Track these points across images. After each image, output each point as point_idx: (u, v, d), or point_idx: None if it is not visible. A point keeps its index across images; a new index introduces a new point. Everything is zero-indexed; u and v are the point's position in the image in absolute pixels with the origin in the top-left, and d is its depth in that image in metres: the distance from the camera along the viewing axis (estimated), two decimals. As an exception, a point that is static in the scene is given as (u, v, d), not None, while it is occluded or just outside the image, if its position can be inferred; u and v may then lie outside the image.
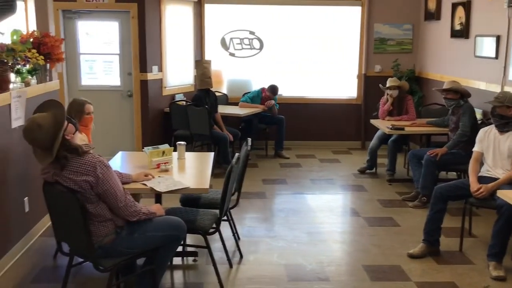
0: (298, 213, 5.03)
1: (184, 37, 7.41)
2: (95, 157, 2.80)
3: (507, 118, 4.01)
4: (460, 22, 6.33)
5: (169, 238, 3.09)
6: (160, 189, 3.28)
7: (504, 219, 3.65)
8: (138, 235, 2.97)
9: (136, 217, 2.95)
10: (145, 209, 3.02)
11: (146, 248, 3.05)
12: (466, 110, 5.09)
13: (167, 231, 3.07)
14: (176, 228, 3.13)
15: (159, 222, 3.07)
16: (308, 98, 7.91)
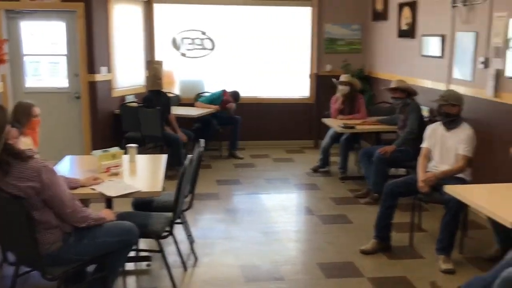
0: (252, 213, 5.02)
1: (134, 37, 7.27)
2: (39, 162, 2.69)
3: (453, 116, 4.14)
4: (406, 22, 6.51)
5: (120, 243, 3.01)
6: (110, 193, 3.19)
7: (451, 213, 3.77)
8: (87, 241, 2.88)
9: (85, 223, 2.86)
10: (94, 214, 2.93)
11: (96, 255, 2.96)
12: (413, 109, 5.23)
13: (118, 237, 2.99)
14: (127, 233, 3.05)
15: (109, 228, 2.99)
16: (261, 98, 7.93)
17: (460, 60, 5.30)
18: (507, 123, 4.57)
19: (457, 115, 4.14)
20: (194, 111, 6.89)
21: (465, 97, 5.07)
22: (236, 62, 7.86)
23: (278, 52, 7.92)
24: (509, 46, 4.49)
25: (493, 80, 4.68)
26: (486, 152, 4.80)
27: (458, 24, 5.33)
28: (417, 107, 5.25)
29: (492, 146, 4.75)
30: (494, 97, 4.70)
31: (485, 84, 4.81)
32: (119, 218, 3.35)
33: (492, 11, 4.72)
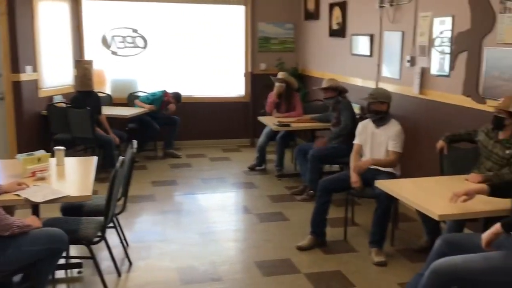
0: (189, 214, 4.96)
1: (62, 35, 6.97)
2: None
3: (382, 113, 4.27)
4: (337, 22, 6.66)
5: (48, 251, 2.86)
6: (36, 199, 3.03)
7: (382, 207, 3.89)
8: (12, 250, 2.73)
9: (8, 232, 2.70)
10: (19, 222, 2.78)
11: (22, 264, 2.81)
12: (345, 106, 5.35)
13: (45, 245, 2.84)
14: (56, 240, 2.91)
15: (36, 235, 2.84)
16: (197, 97, 7.86)
17: (388, 59, 5.49)
18: (432, 118, 4.78)
19: (385, 112, 4.28)
20: (127, 111, 6.71)
21: (393, 95, 5.25)
22: (170, 61, 7.73)
23: (213, 50, 7.87)
24: (434, 45, 4.69)
25: (418, 77, 4.87)
26: (413, 147, 4.99)
27: (385, 24, 5.51)
28: (348, 105, 5.38)
29: (419, 141, 4.95)
30: (420, 94, 4.90)
31: (411, 81, 5.00)
32: (47, 225, 3.20)
33: (417, 11, 4.92)
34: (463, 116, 4.31)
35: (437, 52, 4.66)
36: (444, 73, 4.57)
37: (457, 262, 2.61)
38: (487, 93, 4.04)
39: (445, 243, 2.88)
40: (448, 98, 4.51)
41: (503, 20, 3.85)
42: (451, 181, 3.49)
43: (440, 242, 2.90)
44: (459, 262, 2.61)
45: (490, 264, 2.55)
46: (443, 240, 2.90)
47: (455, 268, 2.58)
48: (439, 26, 4.61)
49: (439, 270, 2.61)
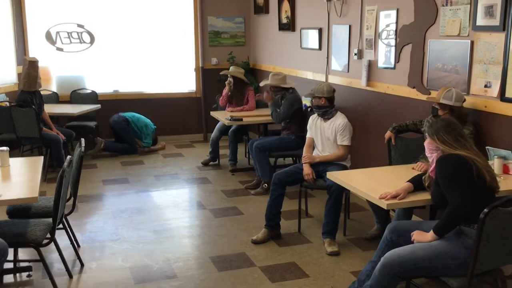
0: (142, 212, 4.89)
1: (3, 31, 6.69)
2: None
3: (323, 107, 4.35)
4: (286, 16, 6.70)
5: None
6: None
7: (334, 198, 3.97)
8: None
9: None
10: None
11: None
12: (287, 100, 5.32)
13: None
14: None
15: None
16: (147, 93, 7.74)
17: (336, 52, 5.58)
18: (379, 110, 4.90)
19: (326, 106, 4.35)
20: (73, 109, 6.55)
21: (342, 87, 5.38)
22: (118, 57, 7.56)
23: (162, 45, 7.76)
24: (380, 38, 4.80)
25: (366, 70, 4.98)
26: (362, 138, 5.11)
27: (333, 18, 5.59)
28: (291, 98, 5.31)
29: (368, 133, 5.07)
30: (367, 87, 5.01)
31: (359, 74, 5.11)
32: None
33: (364, 5, 5.02)
34: (409, 107, 4.44)
35: (383, 45, 4.78)
36: (390, 66, 4.69)
37: (404, 253, 2.71)
38: (431, 84, 4.18)
39: (392, 231, 2.98)
40: (395, 90, 4.63)
41: (445, 13, 3.99)
42: (398, 170, 3.59)
43: (388, 231, 3.00)
44: (406, 253, 2.71)
45: (436, 250, 2.66)
46: (390, 229, 3.00)
47: (404, 259, 2.68)
48: (385, 19, 4.73)
49: (388, 263, 2.71)
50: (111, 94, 7.54)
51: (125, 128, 6.94)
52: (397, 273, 2.68)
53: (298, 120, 5.29)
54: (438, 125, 2.84)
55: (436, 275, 2.69)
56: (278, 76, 5.43)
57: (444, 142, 2.78)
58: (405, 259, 2.68)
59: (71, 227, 3.90)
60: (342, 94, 5.37)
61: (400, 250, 2.74)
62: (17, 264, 3.65)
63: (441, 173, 2.76)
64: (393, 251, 2.75)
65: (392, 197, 2.95)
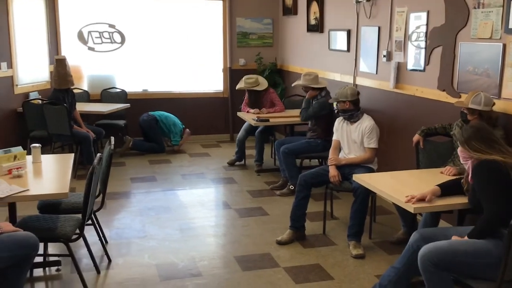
0: (169, 210, 4.95)
1: (37, 31, 6.86)
2: None
3: (349, 111, 4.33)
4: (315, 17, 6.69)
5: (17, 258, 2.75)
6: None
7: (360, 200, 3.95)
8: None
9: None
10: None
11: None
12: (318, 103, 5.28)
13: (13, 251, 2.72)
14: (24, 246, 2.78)
15: (1, 242, 2.71)
16: (176, 93, 7.82)
17: (365, 54, 5.54)
18: (407, 113, 4.84)
19: (352, 109, 4.32)
20: (103, 107, 6.67)
21: (370, 89, 5.34)
22: (148, 57, 7.67)
23: (191, 46, 7.83)
24: (410, 40, 4.75)
25: (394, 72, 4.93)
26: (390, 141, 5.06)
27: (362, 19, 5.55)
28: (322, 102, 5.25)
29: (396, 135, 5.02)
30: (396, 89, 4.96)
31: (388, 76, 5.06)
32: (24, 223, 3.16)
33: (394, 7, 4.97)
34: (439, 110, 4.38)
35: (412, 47, 4.72)
36: (420, 68, 4.63)
37: (443, 245, 2.71)
38: (462, 87, 4.12)
39: (419, 239, 2.94)
40: (424, 93, 4.58)
41: (476, 15, 3.92)
42: (426, 174, 3.56)
43: (414, 239, 2.97)
44: (445, 245, 2.71)
45: (476, 247, 2.65)
46: (416, 238, 2.96)
47: (442, 250, 2.67)
48: (415, 21, 4.67)
49: (425, 254, 2.70)
50: (140, 93, 7.65)
51: (153, 127, 7.04)
52: (437, 264, 2.65)
53: (325, 124, 5.27)
54: (468, 133, 2.82)
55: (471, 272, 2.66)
56: (310, 76, 5.39)
57: (477, 150, 2.76)
58: (444, 250, 2.67)
59: (99, 223, 3.98)
60: (369, 96, 5.34)
61: (437, 243, 2.73)
62: (47, 258, 3.74)
63: (476, 180, 2.75)
64: (429, 244, 2.74)
65: (418, 200, 2.91)
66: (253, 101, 6.36)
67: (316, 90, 5.32)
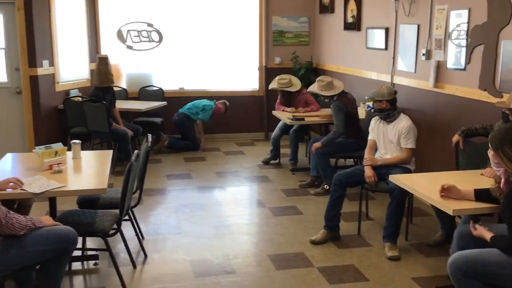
0: (204, 208, 4.99)
1: (77, 29, 7.03)
2: None
3: (385, 110, 4.25)
4: (352, 15, 6.61)
5: (56, 251, 2.81)
6: (34, 190, 3.03)
7: (396, 201, 3.88)
8: (16, 250, 2.70)
9: (23, 230, 2.71)
10: (31, 222, 2.76)
11: (28, 264, 2.78)
12: (333, 110, 5.27)
13: (52, 245, 2.79)
14: (64, 240, 2.84)
15: (42, 236, 2.78)
16: (211, 91, 7.87)
17: (403, 52, 5.44)
18: (447, 112, 4.73)
19: (388, 109, 4.24)
20: (141, 105, 6.78)
21: (409, 88, 5.25)
22: (185, 55, 7.75)
23: (227, 44, 7.88)
24: (450, 38, 4.64)
25: (434, 71, 4.83)
26: (428, 141, 4.96)
27: (401, 17, 5.46)
28: (337, 108, 5.22)
29: (434, 136, 4.91)
30: (435, 88, 4.86)
31: (427, 75, 4.95)
32: (63, 217, 3.24)
33: (434, 4, 4.87)
34: (480, 110, 4.26)
35: (453, 45, 4.61)
36: (460, 67, 4.52)
37: (472, 254, 2.65)
38: (504, 87, 3.99)
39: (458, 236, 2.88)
40: (464, 92, 4.46)
41: (520, 13, 3.80)
42: (466, 176, 3.47)
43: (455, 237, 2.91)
44: (474, 254, 2.65)
45: (505, 257, 2.56)
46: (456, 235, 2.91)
47: (472, 258, 2.62)
48: (456, 19, 4.56)
49: (454, 262, 2.65)
50: (176, 91, 7.73)
51: (186, 125, 7.10)
52: (465, 273, 2.59)
53: (350, 123, 5.22)
54: (502, 136, 2.56)
55: (500, 283, 2.59)
56: (322, 82, 5.37)
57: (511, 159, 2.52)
58: (473, 258, 2.61)
59: (136, 219, 4.05)
60: (407, 95, 5.24)
61: (467, 251, 2.68)
62: (85, 253, 3.83)
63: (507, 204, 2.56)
64: (459, 253, 2.69)
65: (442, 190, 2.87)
66: (285, 102, 6.35)
67: (326, 97, 5.32)
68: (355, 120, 5.30)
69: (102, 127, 5.99)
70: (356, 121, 5.29)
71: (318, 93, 5.36)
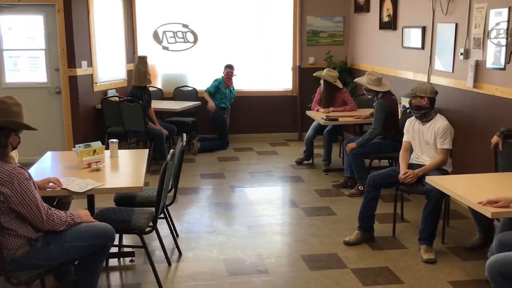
0: (237, 207, 5.02)
1: (115, 31, 7.19)
2: (16, 169, 2.62)
3: (423, 108, 4.15)
4: (388, 14, 6.53)
5: (94, 247, 2.88)
6: (73, 188, 3.10)
7: (433, 203, 3.81)
8: (55, 246, 2.76)
9: (63, 226, 2.78)
10: (70, 218, 2.83)
11: (66, 260, 2.86)
12: (377, 107, 5.17)
13: (90, 241, 2.85)
14: (100, 236, 2.90)
15: (80, 232, 2.84)
16: (245, 91, 7.91)
17: (440, 52, 5.34)
18: (486, 113, 4.62)
19: (428, 107, 4.16)
20: (176, 105, 6.87)
21: (446, 88, 5.15)
22: (219, 55, 7.80)
23: (261, 44, 7.90)
24: (489, 37, 4.53)
25: (472, 71, 4.72)
26: (466, 142, 4.85)
27: (438, 16, 5.36)
28: (380, 107, 5.13)
29: (473, 137, 4.80)
30: (474, 88, 4.75)
31: (465, 75, 4.85)
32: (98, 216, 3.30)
33: (472, 2, 4.76)
34: (520, 110, 4.15)
35: (492, 44, 4.50)
36: (500, 66, 4.40)
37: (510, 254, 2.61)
38: (546, 87, 3.87)
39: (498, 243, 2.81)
40: (504, 92, 4.34)
41: None
42: (505, 178, 3.38)
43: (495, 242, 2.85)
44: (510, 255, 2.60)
45: None
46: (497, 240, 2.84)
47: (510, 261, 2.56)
48: (495, 17, 4.44)
49: (491, 264, 2.61)
50: (211, 91, 7.80)
51: (218, 121, 7.17)
52: (504, 274, 2.54)
53: (389, 124, 5.14)
54: None
55: None
56: (372, 76, 5.24)
57: None
58: (510, 258, 2.54)
59: (171, 217, 4.11)
60: (445, 95, 5.14)
61: (506, 253, 2.65)
62: (122, 249, 3.91)
63: None
64: (498, 255, 2.66)
65: (489, 202, 2.78)
66: (326, 97, 6.27)
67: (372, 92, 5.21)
68: (395, 121, 5.21)
69: (138, 126, 6.09)
70: (395, 123, 5.20)
71: (365, 85, 5.24)
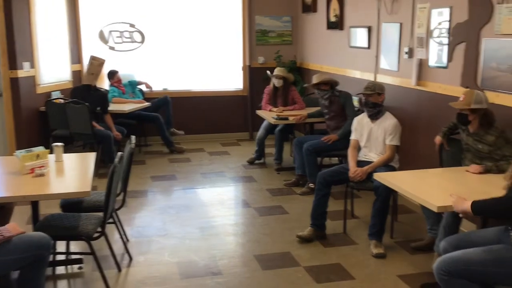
0: (189, 209, 4.96)
1: (58, 31, 6.94)
2: None
3: (379, 105, 4.26)
4: (335, 14, 6.63)
5: (28, 259, 2.71)
6: None
7: (381, 199, 3.89)
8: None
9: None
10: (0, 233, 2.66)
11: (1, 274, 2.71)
12: (347, 98, 5.32)
13: (25, 253, 2.68)
14: (37, 246, 2.73)
15: (13, 244, 2.66)
16: (195, 91, 7.85)
17: (386, 51, 5.47)
18: (430, 110, 4.77)
19: (380, 105, 4.26)
20: (125, 106, 6.71)
21: (391, 87, 5.28)
22: (167, 55, 7.71)
23: (210, 44, 7.85)
24: (432, 36, 4.68)
25: (416, 69, 4.86)
26: (412, 139, 5.00)
27: (383, 16, 5.49)
28: (349, 96, 5.34)
29: (417, 133, 4.95)
30: (418, 86, 4.89)
31: (409, 73, 4.99)
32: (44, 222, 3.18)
33: (415, 2, 4.90)
34: (462, 107, 4.29)
35: (435, 43, 4.65)
36: (442, 65, 4.56)
37: (455, 254, 2.65)
38: (486, 84, 4.03)
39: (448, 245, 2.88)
40: (447, 90, 4.50)
41: (500, 11, 3.84)
42: (450, 173, 3.50)
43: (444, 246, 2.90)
44: (458, 254, 2.65)
45: (490, 255, 2.57)
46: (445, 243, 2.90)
47: (454, 259, 2.62)
48: (437, 17, 4.60)
49: (437, 265, 2.65)
50: (160, 92, 7.68)
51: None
52: (447, 271, 2.59)
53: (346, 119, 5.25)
54: None
55: (488, 280, 2.61)
56: (325, 74, 5.40)
57: None
58: (455, 259, 2.61)
59: (120, 221, 4.01)
60: (391, 93, 5.25)
61: (450, 254, 2.69)
62: (69, 257, 3.78)
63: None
64: (442, 256, 2.70)
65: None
66: (280, 95, 6.29)
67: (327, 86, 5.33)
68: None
69: (84, 129, 5.91)
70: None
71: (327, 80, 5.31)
